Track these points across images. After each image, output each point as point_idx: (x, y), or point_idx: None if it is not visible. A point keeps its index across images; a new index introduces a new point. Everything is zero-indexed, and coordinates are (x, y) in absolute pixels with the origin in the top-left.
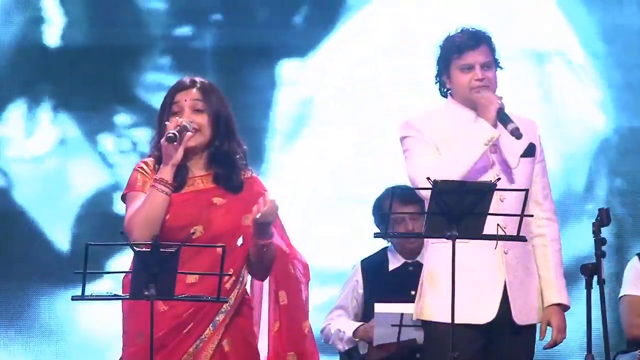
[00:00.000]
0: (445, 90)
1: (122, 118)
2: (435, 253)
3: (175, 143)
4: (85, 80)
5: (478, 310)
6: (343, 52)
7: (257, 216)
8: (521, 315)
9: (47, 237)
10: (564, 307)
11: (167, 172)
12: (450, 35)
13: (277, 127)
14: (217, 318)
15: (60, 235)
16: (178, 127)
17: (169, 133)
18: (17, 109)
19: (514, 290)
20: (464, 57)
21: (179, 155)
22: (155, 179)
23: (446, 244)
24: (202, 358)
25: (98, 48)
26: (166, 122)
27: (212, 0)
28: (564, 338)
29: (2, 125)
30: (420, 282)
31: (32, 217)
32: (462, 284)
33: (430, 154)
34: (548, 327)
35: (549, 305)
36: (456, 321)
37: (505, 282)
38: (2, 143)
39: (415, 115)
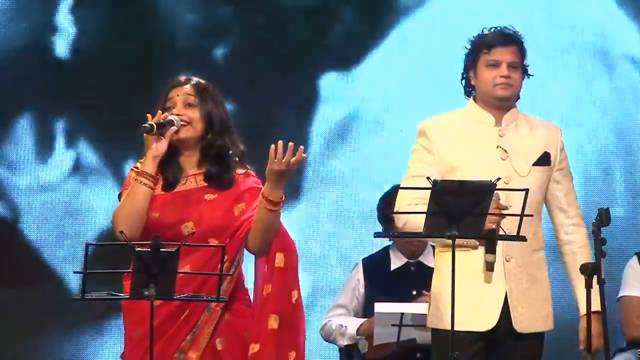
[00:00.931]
0: (469, 89)
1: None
2: (450, 263)
3: (157, 135)
4: (103, 97)
5: (479, 317)
6: (383, 64)
7: (275, 163)
8: (523, 324)
9: (59, 272)
10: (598, 313)
11: (147, 165)
12: (483, 32)
13: (315, 140)
14: (211, 304)
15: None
16: (161, 120)
17: (146, 124)
18: (28, 126)
19: (514, 298)
20: (493, 53)
21: (160, 147)
22: (138, 172)
23: (462, 253)
24: (201, 341)
25: (118, 61)
26: (147, 114)
27: (252, 11)
28: (602, 344)
29: (12, 145)
30: (432, 291)
31: (44, 247)
32: (464, 291)
33: (422, 176)
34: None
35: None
36: (457, 328)
37: (506, 290)
38: (12, 166)
39: (432, 120)
